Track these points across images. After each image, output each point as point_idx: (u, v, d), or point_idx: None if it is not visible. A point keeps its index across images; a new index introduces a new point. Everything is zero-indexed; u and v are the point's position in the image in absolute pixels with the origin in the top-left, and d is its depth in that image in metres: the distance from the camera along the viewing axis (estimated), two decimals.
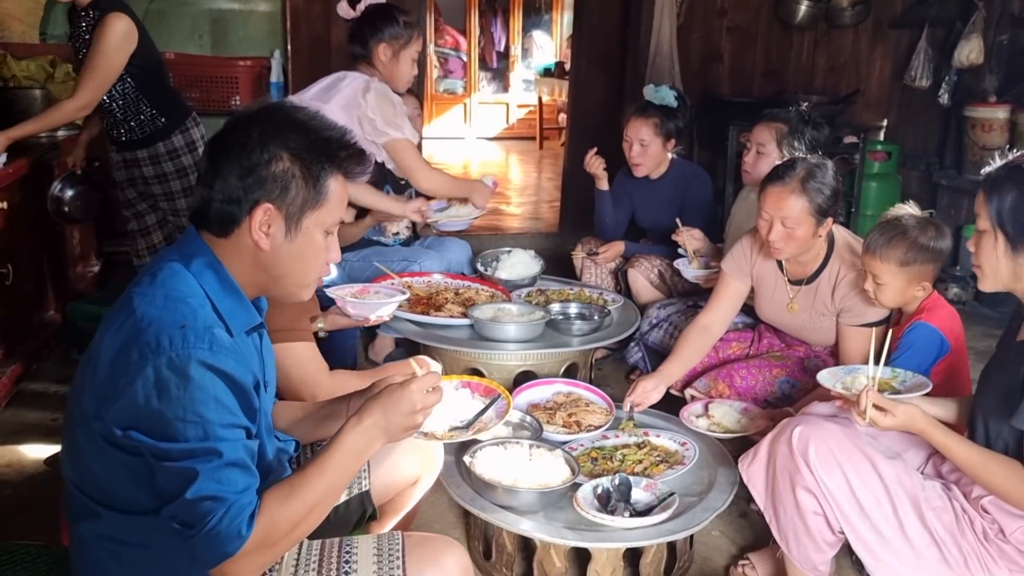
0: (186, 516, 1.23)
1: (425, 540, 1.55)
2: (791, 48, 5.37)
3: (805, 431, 1.89)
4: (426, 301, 3.16)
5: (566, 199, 5.74)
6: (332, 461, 1.36)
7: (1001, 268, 1.74)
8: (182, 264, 1.37)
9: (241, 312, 1.40)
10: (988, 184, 1.74)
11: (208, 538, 1.22)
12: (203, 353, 1.25)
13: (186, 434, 1.23)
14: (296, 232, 1.40)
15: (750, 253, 2.71)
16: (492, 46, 10.29)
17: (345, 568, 1.47)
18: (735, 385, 2.69)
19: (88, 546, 1.40)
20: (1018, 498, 1.70)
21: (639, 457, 2.38)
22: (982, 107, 4.81)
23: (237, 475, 1.26)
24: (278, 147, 1.37)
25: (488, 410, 1.70)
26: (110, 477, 1.33)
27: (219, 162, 1.37)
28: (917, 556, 1.81)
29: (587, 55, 5.50)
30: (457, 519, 2.55)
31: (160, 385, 1.23)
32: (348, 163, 1.44)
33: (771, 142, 3.05)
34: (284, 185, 1.37)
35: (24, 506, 2.55)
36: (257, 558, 1.27)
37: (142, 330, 1.27)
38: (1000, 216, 1.70)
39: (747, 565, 2.30)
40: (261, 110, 1.43)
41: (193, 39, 4.80)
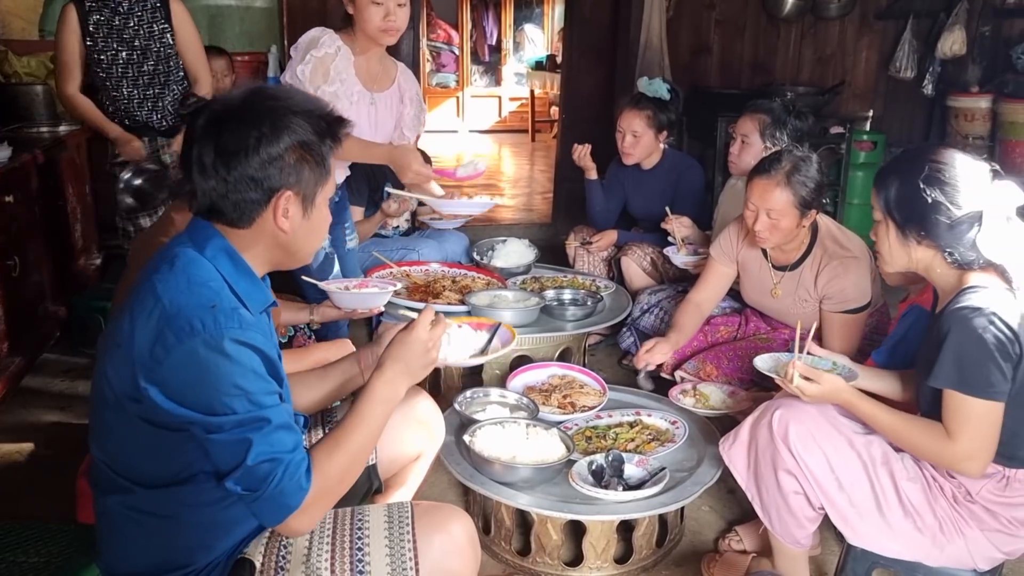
0: (249, 481, 1.32)
1: (433, 508, 1.62)
2: (778, 40, 5.46)
3: (785, 414, 1.97)
4: (424, 289, 3.24)
5: (559, 190, 5.82)
6: (367, 412, 1.48)
7: (895, 252, 1.90)
8: (195, 250, 1.42)
9: (256, 293, 1.46)
10: (877, 178, 1.90)
11: (273, 497, 1.33)
12: (234, 331, 1.33)
13: (233, 406, 1.31)
14: (311, 209, 1.47)
15: (736, 240, 2.82)
16: (484, 40, 10.36)
17: (358, 534, 1.54)
18: (723, 367, 2.78)
19: (114, 516, 1.47)
20: (936, 456, 1.82)
21: (631, 435, 2.47)
22: (965, 97, 4.92)
23: (285, 436, 1.35)
24: (291, 135, 1.41)
25: (494, 338, 1.96)
26: (144, 455, 1.40)
27: (233, 156, 1.39)
28: (894, 527, 1.90)
29: (578, 48, 5.58)
30: (457, 498, 2.64)
31: (200, 365, 1.31)
32: (341, 132, 1.51)
33: (754, 133, 3.15)
34: (299, 170, 1.43)
35: (35, 488, 2.62)
36: (316, 508, 1.39)
37: (173, 315, 1.33)
38: (888, 205, 1.86)
39: (735, 538, 2.40)
40: (255, 100, 1.43)
41: None
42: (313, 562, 1.50)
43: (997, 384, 1.72)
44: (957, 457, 1.78)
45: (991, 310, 1.72)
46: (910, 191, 1.82)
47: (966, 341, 1.72)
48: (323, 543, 1.53)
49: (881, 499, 1.90)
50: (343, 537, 1.54)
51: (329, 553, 1.51)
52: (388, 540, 1.53)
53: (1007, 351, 1.72)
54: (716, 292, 2.90)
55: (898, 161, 1.91)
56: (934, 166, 1.81)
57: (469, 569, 1.58)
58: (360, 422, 1.47)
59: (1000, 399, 1.74)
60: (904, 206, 1.84)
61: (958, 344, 1.73)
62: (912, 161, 1.86)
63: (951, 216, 1.79)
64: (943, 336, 1.77)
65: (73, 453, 2.81)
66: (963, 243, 1.80)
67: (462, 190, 3.56)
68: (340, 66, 2.75)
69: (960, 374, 1.74)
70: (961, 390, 1.75)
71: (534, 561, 2.29)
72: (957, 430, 1.77)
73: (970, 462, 1.79)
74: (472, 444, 2.27)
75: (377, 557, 1.51)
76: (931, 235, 1.82)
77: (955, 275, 1.84)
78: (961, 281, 1.82)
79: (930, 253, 1.85)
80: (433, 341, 1.56)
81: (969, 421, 1.75)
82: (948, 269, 1.85)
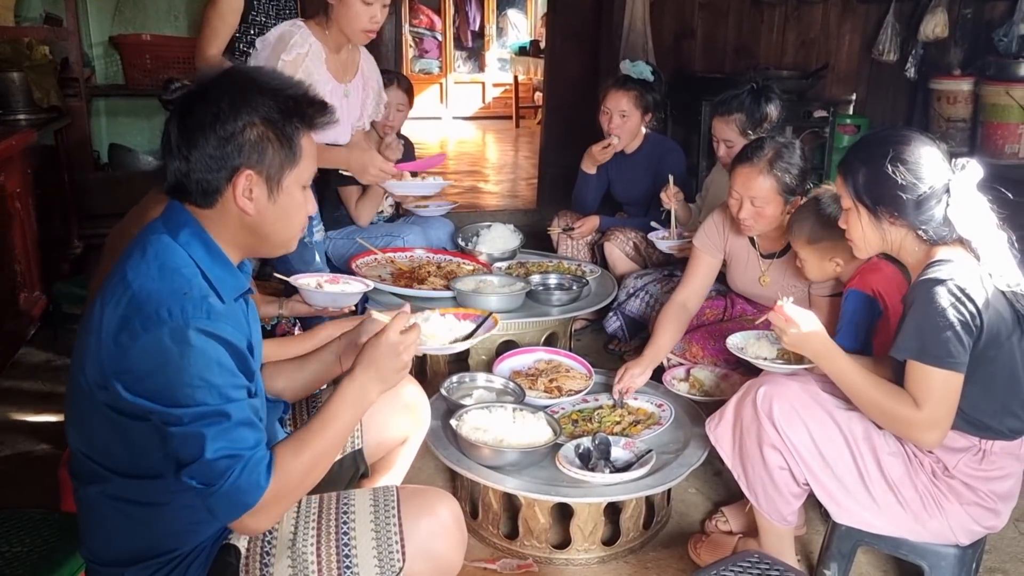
0: (206, 475, 1.29)
1: (419, 491, 1.62)
2: (762, 24, 5.45)
3: (768, 391, 1.99)
4: (409, 275, 3.23)
5: (543, 176, 5.81)
6: (334, 414, 1.45)
7: (869, 237, 1.92)
8: (169, 236, 1.41)
9: (230, 279, 1.44)
10: (842, 168, 1.94)
11: (229, 493, 1.30)
12: (201, 321, 1.31)
13: (195, 398, 1.29)
14: (278, 192, 1.44)
15: (722, 228, 2.79)
16: (467, 25, 10.29)
17: (344, 519, 1.53)
18: (708, 348, 2.78)
19: (96, 506, 1.45)
20: (900, 422, 1.83)
21: (617, 418, 2.48)
22: (947, 80, 4.94)
23: (247, 432, 1.33)
24: (250, 113, 1.39)
25: (480, 328, 1.94)
26: (117, 444, 1.39)
27: (193, 134, 1.38)
28: (876, 501, 1.93)
29: (562, 33, 5.55)
30: (445, 483, 2.64)
31: (164, 355, 1.29)
32: (315, 117, 1.47)
33: (735, 134, 3.13)
34: (261, 149, 1.40)
35: (18, 479, 2.61)
36: (274, 508, 1.35)
37: (141, 303, 1.31)
38: (858, 191, 1.90)
39: (721, 518, 2.41)
40: (223, 76, 1.44)
41: (169, 20, 4.82)
42: (299, 547, 1.49)
43: (957, 355, 1.75)
44: (921, 426, 1.80)
45: (954, 281, 1.75)
46: (877, 174, 1.85)
47: (927, 311, 1.75)
48: (308, 528, 1.52)
49: (864, 473, 1.92)
50: (329, 521, 1.53)
51: (315, 538, 1.51)
52: (374, 524, 1.53)
53: (967, 323, 1.74)
54: (703, 285, 2.83)
55: (860, 148, 1.95)
56: (897, 147, 1.85)
57: (456, 551, 1.58)
58: (327, 424, 1.44)
59: (958, 370, 1.76)
60: (874, 189, 1.87)
61: (920, 314, 1.77)
62: (875, 145, 1.90)
63: (920, 192, 1.83)
64: (907, 308, 1.81)
65: (54, 443, 2.80)
66: (934, 219, 1.84)
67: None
68: (311, 67, 2.70)
69: (921, 344, 1.77)
70: (922, 360, 1.77)
71: (522, 544, 2.29)
72: (920, 399, 1.79)
73: (931, 432, 1.81)
74: (459, 429, 2.27)
75: (363, 541, 1.50)
76: (903, 214, 1.85)
77: (924, 250, 1.88)
78: (929, 255, 1.86)
79: (902, 232, 1.89)
80: (405, 346, 1.51)
81: (931, 391, 1.77)
82: (920, 245, 1.88)
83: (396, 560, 1.50)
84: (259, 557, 1.49)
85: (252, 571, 1.48)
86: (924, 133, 1.93)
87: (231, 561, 1.48)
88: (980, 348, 1.77)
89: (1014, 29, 4.73)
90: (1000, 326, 1.79)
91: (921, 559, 1.97)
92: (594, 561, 2.28)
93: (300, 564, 1.48)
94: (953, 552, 1.93)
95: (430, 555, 1.53)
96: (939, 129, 4.97)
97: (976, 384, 1.81)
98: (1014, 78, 4.60)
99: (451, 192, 6.55)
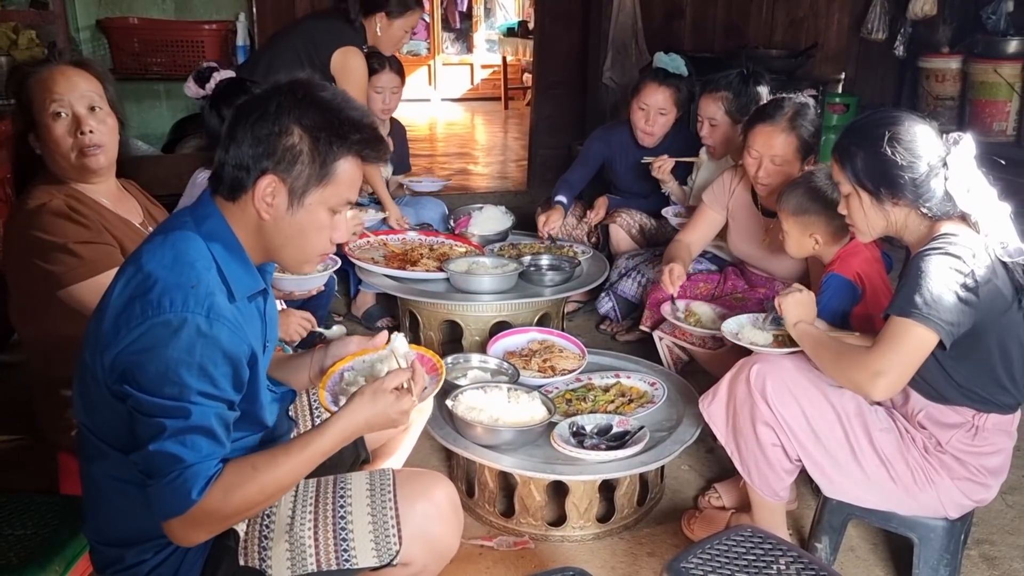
0: (146, 466, 1.30)
1: (414, 475, 1.63)
2: (751, 3, 5.44)
3: (762, 369, 2.02)
4: (402, 257, 3.24)
5: (533, 158, 5.80)
6: (305, 453, 1.41)
7: (872, 220, 1.93)
8: (194, 224, 1.42)
9: (246, 277, 1.44)
10: (838, 154, 1.94)
11: (160, 492, 1.29)
12: (199, 319, 1.31)
13: (162, 391, 1.29)
14: (298, 207, 1.41)
15: (729, 186, 2.90)
16: (455, 6, 10.22)
17: (340, 502, 1.54)
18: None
19: (98, 485, 1.47)
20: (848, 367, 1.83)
21: (610, 397, 2.50)
22: (936, 58, 4.95)
23: (202, 441, 1.30)
24: (292, 121, 1.38)
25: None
26: (114, 419, 1.40)
27: (236, 128, 1.40)
28: (868, 476, 1.96)
29: (550, 13, 5.53)
30: (440, 463, 2.67)
31: (152, 342, 1.29)
32: (362, 147, 1.43)
33: (719, 112, 3.15)
34: (291, 159, 1.38)
35: (16, 464, 2.61)
36: (203, 525, 1.32)
37: (148, 288, 1.32)
38: (858, 177, 1.91)
39: (714, 495, 2.45)
40: (288, 83, 1.43)
41: (156, 3, 4.79)
42: (296, 531, 1.50)
43: (947, 318, 1.73)
44: (870, 370, 1.77)
45: (956, 252, 1.77)
46: (876, 156, 1.86)
47: (927, 277, 1.76)
48: (306, 511, 1.53)
49: (856, 449, 1.95)
50: (326, 505, 1.54)
51: (312, 521, 1.52)
52: (370, 508, 1.53)
53: (966, 294, 1.75)
54: (704, 236, 2.98)
55: (854, 133, 1.96)
56: (892, 128, 1.87)
57: (452, 534, 1.60)
58: (291, 459, 1.39)
59: (940, 333, 1.74)
60: (874, 172, 1.88)
61: (918, 278, 1.76)
62: (869, 128, 1.91)
63: (920, 170, 1.84)
64: (906, 275, 1.82)
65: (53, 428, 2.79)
66: (936, 195, 1.85)
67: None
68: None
69: (902, 300, 1.77)
70: (897, 312, 1.77)
71: (518, 522, 2.32)
72: (880, 344, 1.78)
73: (880, 377, 1.77)
74: (455, 408, 2.29)
75: (360, 525, 1.52)
76: (905, 193, 1.86)
77: (927, 226, 1.89)
78: (932, 230, 1.87)
79: (905, 212, 1.90)
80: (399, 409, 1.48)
81: (898, 340, 1.76)
82: (923, 223, 1.90)
83: (392, 543, 1.51)
84: (257, 540, 1.50)
85: (250, 554, 1.50)
86: (913, 112, 1.95)
87: (230, 544, 1.49)
88: (978, 320, 1.78)
89: (1002, 7, 4.74)
90: (998, 299, 1.81)
91: (911, 532, 2.00)
92: (589, 538, 2.31)
93: (298, 548, 1.50)
94: (942, 525, 1.97)
95: (426, 538, 1.55)
96: (928, 107, 4.99)
97: (973, 357, 1.82)
98: (1002, 55, 4.62)
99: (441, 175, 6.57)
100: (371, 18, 3.37)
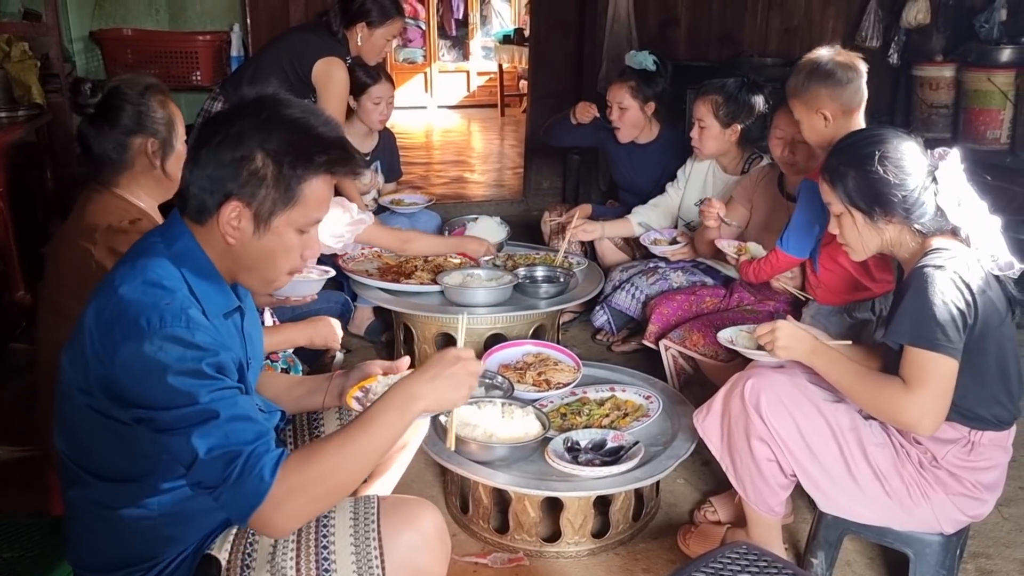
0: (207, 476, 1.27)
1: (400, 502, 1.57)
2: (746, 11, 5.45)
3: (756, 383, 2.01)
4: (396, 269, 3.23)
5: (529, 165, 5.81)
6: (368, 421, 1.37)
7: (866, 239, 1.94)
8: (164, 246, 1.40)
9: (217, 296, 1.43)
10: (828, 174, 1.94)
11: (234, 490, 1.26)
12: (180, 331, 1.30)
13: (178, 402, 1.27)
14: (265, 230, 1.40)
15: (756, 178, 3.06)
16: (451, 14, 10.24)
17: (324, 532, 1.50)
18: (709, 336, 2.78)
19: (80, 511, 1.46)
20: (893, 409, 1.81)
21: (606, 411, 2.49)
22: (930, 66, 4.94)
23: (243, 427, 1.29)
24: (255, 145, 1.35)
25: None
26: (98, 447, 1.38)
27: (200, 150, 1.37)
28: (863, 491, 1.95)
29: (546, 21, 5.55)
30: (434, 477, 2.65)
31: (145, 363, 1.28)
32: (330, 166, 1.41)
33: (709, 115, 3.20)
34: (255, 184, 1.36)
35: (7, 483, 2.59)
36: (290, 505, 1.28)
37: (123, 311, 1.31)
38: (850, 197, 1.91)
39: (709, 509, 2.44)
40: (253, 101, 1.40)
41: (150, 14, 4.77)
42: (278, 561, 1.47)
43: (953, 341, 1.75)
44: (914, 412, 1.78)
45: (950, 268, 1.77)
46: (866, 177, 1.87)
47: (923, 297, 1.76)
48: (288, 541, 1.49)
49: (851, 464, 1.94)
50: (308, 535, 1.50)
51: (294, 552, 1.48)
52: (353, 538, 1.49)
53: (963, 309, 1.76)
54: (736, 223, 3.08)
55: (843, 153, 1.96)
56: (881, 147, 1.88)
57: (438, 563, 1.55)
58: (355, 429, 1.35)
59: (953, 356, 1.76)
60: (866, 192, 1.89)
61: (915, 299, 1.77)
62: (857, 149, 1.92)
63: (909, 186, 1.85)
64: (902, 294, 1.82)
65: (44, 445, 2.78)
66: (928, 211, 1.86)
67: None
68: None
69: (916, 329, 1.77)
70: (918, 344, 1.77)
71: (512, 538, 2.31)
72: (915, 384, 1.78)
73: (926, 418, 1.78)
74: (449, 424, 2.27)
75: (343, 556, 1.47)
76: (897, 210, 1.87)
77: (919, 242, 1.90)
78: (924, 246, 1.88)
79: (898, 229, 1.90)
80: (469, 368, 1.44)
81: (925, 374, 1.77)
82: (915, 239, 1.90)
83: (376, 574, 1.47)
84: (239, 570, 1.47)
85: None
86: (898, 128, 1.96)
87: (212, 573, 1.47)
88: (975, 336, 1.79)
89: (995, 15, 4.74)
90: (993, 313, 1.81)
91: (906, 547, 1.99)
92: (584, 554, 2.30)
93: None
94: (938, 540, 1.96)
95: (411, 568, 1.50)
96: (922, 115, 4.99)
97: (968, 373, 1.82)
98: (995, 64, 4.61)
99: (437, 183, 6.58)
100: (353, 29, 3.38)
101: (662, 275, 3.32)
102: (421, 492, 2.58)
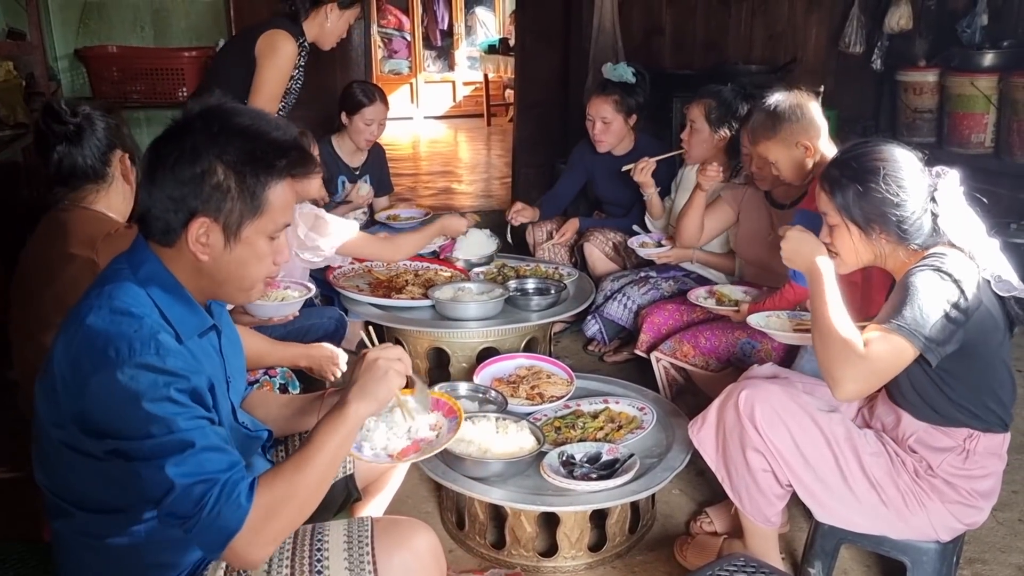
0: (182, 506, 1.24)
1: (393, 523, 1.56)
2: (729, 19, 5.48)
3: (750, 395, 2.01)
4: (387, 284, 3.22)
5: (517, 175, 5.81)
6: (322, 435, 1.38)
7: (860, 251, 1.94)
8: (130, 271, 1.38)
9: (190, 317, 1.41)
10: (828, 185, 1.93)
11: (209, 520, 1.24)
12: (150, 358, 1.27)
13: (151, 432, 1.25)
14: (235, 242, 1.38)
15: (746, 187, 3.05)
16: (435, 24, 10.26)
17: (318, 555, 1.49)
18: (699, 346, 2.79)
19: (65, 541, 1.44)
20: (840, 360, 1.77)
21: (600, 424, 2.49)
22: (913, 71, 4.99)
23: (217, 456, 1.27)
24: (213, 158, 1.34)
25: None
26: (77, 480, 1.36)
27: (156, 170, 1.35)
28: (859, 501, 1.95)
29: (531, 31, 5.55)
30: (429, 493, 2.64)
31: (116, 393, 1.25)
32: (290, 168, 1.40)
33: (700, 118, 3.26)
34: (219, 198, 1.35)
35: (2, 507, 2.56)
36: (265, 532, 1.28)
37: (91, 342, 1.29)
38: (849, 210, 1.90)
39: (706, 520, 2.44)
40: (200, 114, 1.38)
41: (135, 31, 4.76)
42: None
43: (933, 335, 1.73)
44: (848, 372, 1.75)
45: (949, 271, 1.78)
46: (869, 193, 1.86)
47: (917, 292, 1.76)
48: (283, 562, 1.48)
49: (847, 473, 1.95)
50: (303, 558, 1.49)
51: (288, 573, 1.47)
52: (348, 561, 1.48)
53: (956, 313, 1.75)
54: (714, 226, 3.11)
55: (845, 165, 1.93)
56: (886, 164, 1.87)
57: None
58: (316, 446, 1.37)
59: (921, 349, 1.74)
60: (865, 207, 1.88)
61: (907, 292, 1.77)
62: (861, 163, 1.90)
63: (909, 209, 1.85)
64: (896, 288, 1.82)
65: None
66: (924, 229, 1.86)
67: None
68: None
69: (900, 315, 1.75)
70: (893, 328, 1.75)
71: (509, 553, 2.30)
72: (868, 351, 1.75)
73: (850, 383, 1.75)
74: None
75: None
76: (894, 227, 1.87)
77: (914, 255, 1.89)
78: (919, 255, 1.87)
79: (893, 244, 1.90)
80: (386, 358, 1.46)
81: (880, 347, 1.75)
82: (910, 255, 1.90)
83: None
84: None
85: None
86: (899, 142, 1.94)
87: None
88: (968, 340, 1.78)
89: (977, 20, 4.79)
90: (989, 322, 1.81)
91: (903, 555, 2.00)
92: (581, 568, 2.29)
93: None
94: (934, 548, 1.97)
95: None
96: (906, 120, 5.03)
97: (964, 374, 1.83)
98: (978, 68, 4.66)
99: (424, 194, 6.57)
100: (320, 9, 3.14)
101: (653, 284, 3.33)
102: (416, 508, 2.57)
